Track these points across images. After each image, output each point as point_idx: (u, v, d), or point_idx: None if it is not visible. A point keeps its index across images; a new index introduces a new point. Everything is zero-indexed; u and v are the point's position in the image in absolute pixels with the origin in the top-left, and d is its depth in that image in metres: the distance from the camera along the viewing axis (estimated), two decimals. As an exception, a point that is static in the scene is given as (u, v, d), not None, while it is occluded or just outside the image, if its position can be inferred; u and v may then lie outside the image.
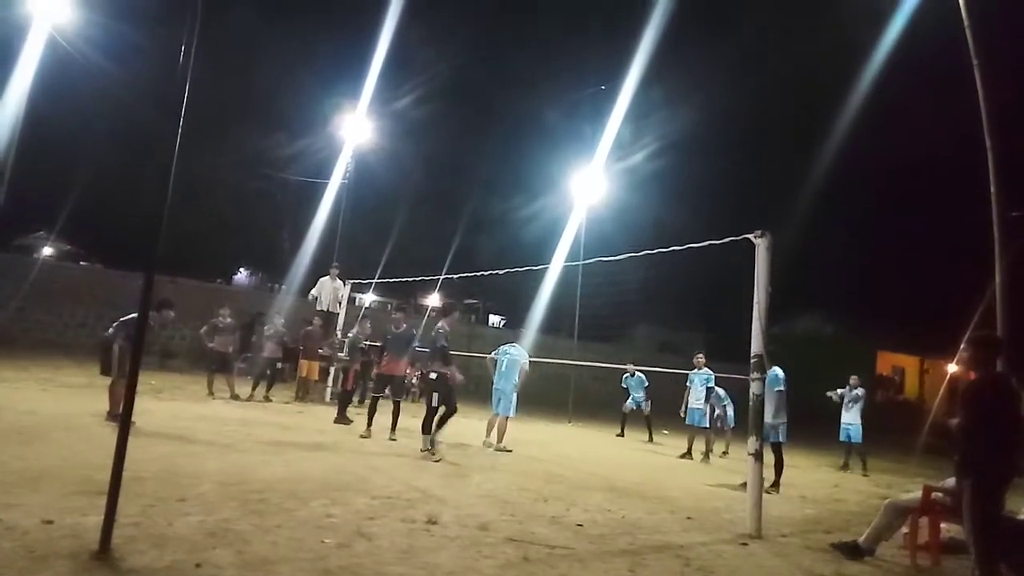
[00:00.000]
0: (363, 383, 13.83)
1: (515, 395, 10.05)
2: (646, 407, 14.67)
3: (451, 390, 8.71)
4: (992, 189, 7.30)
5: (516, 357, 10.12)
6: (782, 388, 8.78)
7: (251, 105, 28.16)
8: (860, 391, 12.77)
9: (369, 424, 9.57)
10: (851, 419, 12.66)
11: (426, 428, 8.45)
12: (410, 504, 5.52)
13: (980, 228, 7.83)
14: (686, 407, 12.15)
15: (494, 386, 10.25)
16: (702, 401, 11.92)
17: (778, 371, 8.66)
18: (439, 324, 8.95)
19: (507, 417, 9.94)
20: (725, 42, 38.82)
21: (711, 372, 12.14)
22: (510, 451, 9.60)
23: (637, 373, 14.86)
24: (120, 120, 24.85)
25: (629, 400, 14.88)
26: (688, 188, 35.58)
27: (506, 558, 4.27)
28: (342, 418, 10.79)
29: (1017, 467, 4.96)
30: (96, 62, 20.53)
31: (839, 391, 12.83)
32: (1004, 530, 4.72)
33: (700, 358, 12.37)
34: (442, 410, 8.63)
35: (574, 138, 31.69)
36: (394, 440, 9.31)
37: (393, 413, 9.53)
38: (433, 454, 8.25)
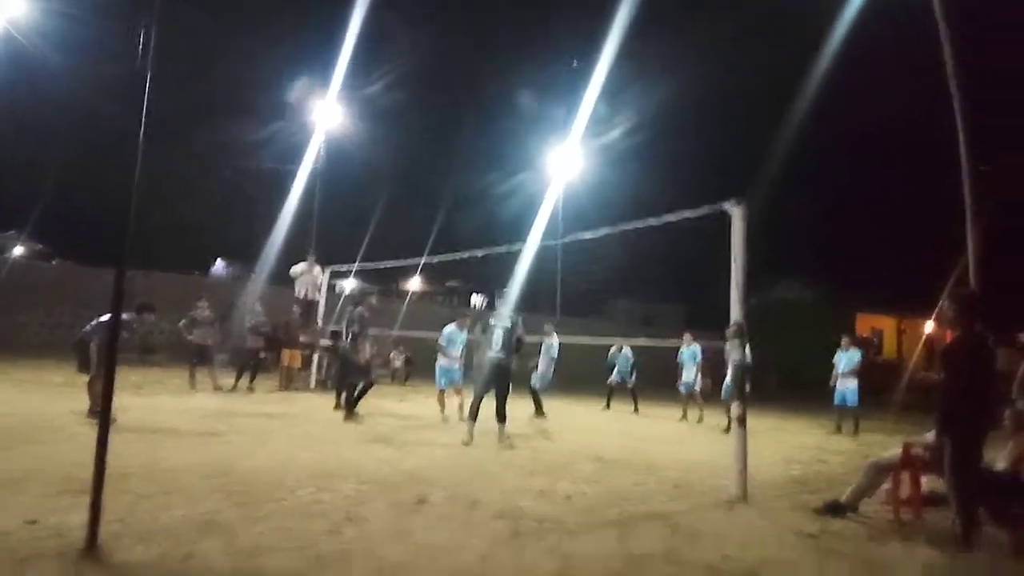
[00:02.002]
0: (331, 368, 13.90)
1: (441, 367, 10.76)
2: (631, 380, 14.78)
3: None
4: (960, 139, 7.34)
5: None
6: (555, 356, 12.67)
7: (220, 94, 27.79)
8: (856, 354, 12.69)
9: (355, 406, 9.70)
10: (848, 383, 12.51)
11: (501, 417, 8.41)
12: (398, 487, 5.52)
13: (952, 187, 7.92)
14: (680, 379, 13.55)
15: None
16: (694, 373, 13.27)
17: (553, 343, 12.72)
18: (515, 317, 8.76)
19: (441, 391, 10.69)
20: (695, 14, 38.69)
21: (699, 347, 13.34)
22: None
23: (624, 348, 14.96)
24: (84, 115, 24.38)
25: (614, 373, 14.97)
26: (663, 161, 35.67)
27: (496, 534, 4.30)
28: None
29: (994, 421, 5.08)
30: (54, 57, 20.06)
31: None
32: (982, 481, 4.83)
33: (688, 336, 13.73)
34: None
35: (549, 115, 31.55)
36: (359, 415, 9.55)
37: (362, 393, 9.80)
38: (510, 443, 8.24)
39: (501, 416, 8.33)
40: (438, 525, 4.43)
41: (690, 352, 13.30)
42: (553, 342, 12.78)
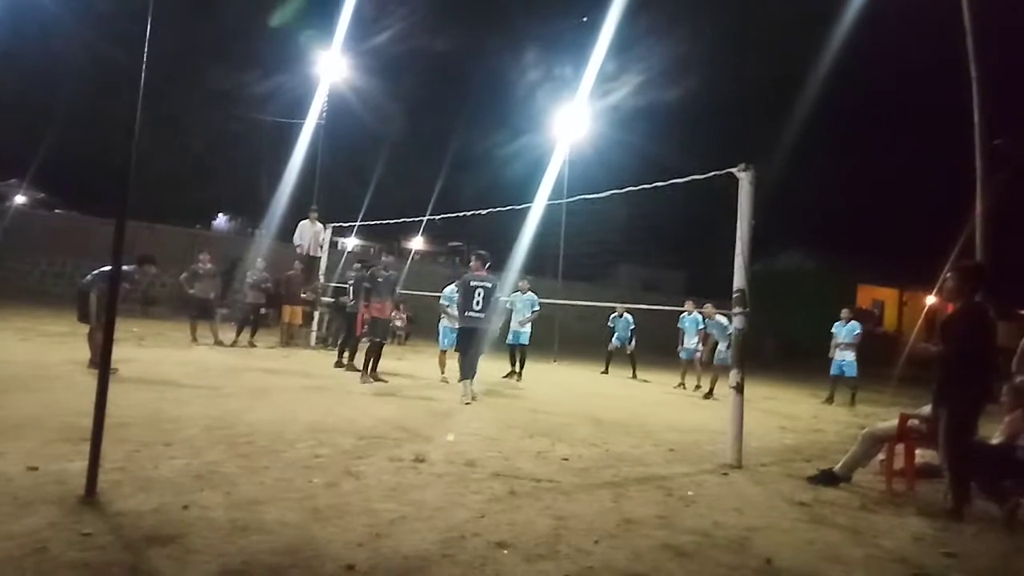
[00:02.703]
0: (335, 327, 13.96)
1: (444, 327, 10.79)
2: (630, 345, 14.82)
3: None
4: (976, 119, 7.25)
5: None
6: (537, 308, 12.24)
7: (224, 44, 27.28)
8: (856, 326, 12.67)
9: (374, 368, 9.58)
10: (847, 355, 12.52)
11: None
12: (397, 443, 5.57)
13: (959, 161, 7.83)
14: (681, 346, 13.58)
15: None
16: (696, 341, 13.22)
17: (535, 296, 12.33)
18: (494, 278, 9.12)
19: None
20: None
21: (700, 316, 13.15)
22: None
23: (625, 314, 14.95)
24: (89, 62, 24.00)
25: (614, 338, 15.02)
26: (671, 123, 35.16)
27: (492, 493, 4.34)
28: (352, 365, 10.56)
29: (992, 395, 5.09)
30: (59, 1, 19.71)
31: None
32: (977, 454, 4.86)
33: (690, 304, 13.57)
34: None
35: (557, 73, 31.09)
36: (385, 381, 9.44)
37: (376, 354, 9.61)
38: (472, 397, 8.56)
39: (469, 371, 8.72)
40: (435, 483, 4.47)
41: (692, 320, 13.32)
42: (532, 297, 12.45)
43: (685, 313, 13.46)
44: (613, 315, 15.17)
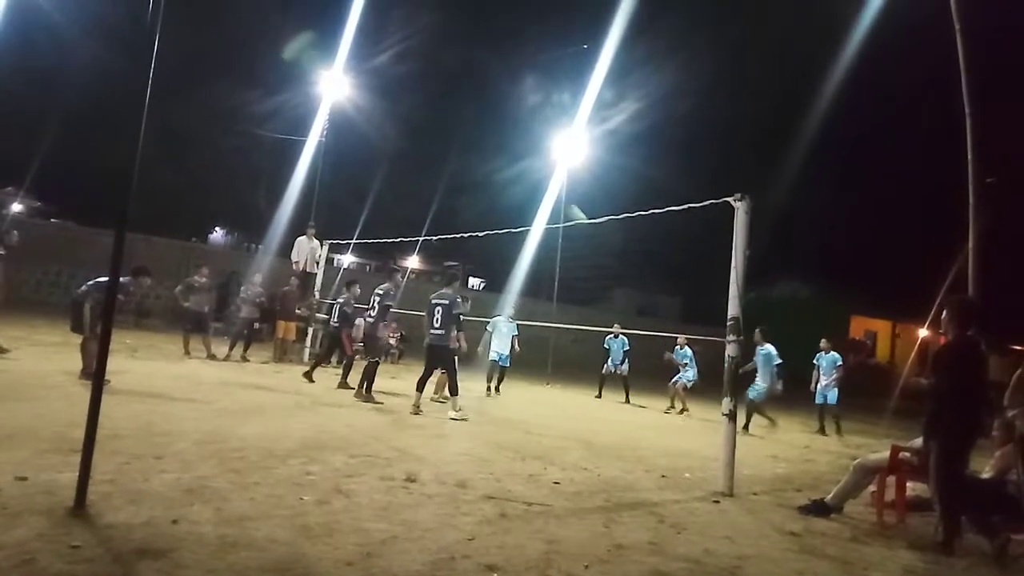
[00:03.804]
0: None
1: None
2: (623, 368, 14.81)
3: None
4: (969, 156, 7.35)
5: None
6: (516, 333, 13.09)
7: (227, 60, 27.53)
8: (837, 357, 12.73)
9: (369, 387, 9.51)
10: (830, 384, 12.57)
11: (453, 390, 8.88)
12: (388, 462, 5.55)
13: (954, 194, 7.92)
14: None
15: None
16: (690, 373, 13.53)
17: (514, 325, 13.11)
18: (452, 295, 9.07)
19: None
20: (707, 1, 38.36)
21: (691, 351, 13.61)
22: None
23: (620, 335, 14.95)
24: (91, 72, 24.14)
25: (608, 362, 15.01)
26: (669, 149, 35.49)
27: (483, 515, 4.32)
28: (346, 383, 10.52)
29: (982, 428, 5.11)
30: (63, 10, 19.84)
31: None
32: (968, 488, 4.86)
33: (681, 339, 13.84)
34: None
35: (556, 99, 31.39)
36: (380, 403, 9.38)
37: (372, 374, 9.58)
38: (461, 413, 8.67)
39: (452, 390, 8.85)
40: (426, 503, 4.46)
41: (682, 354, 13.44)
42: (512, 326, 13.11)
43: (677, 347, 13.60)
44: (609, 336, 15.18)
